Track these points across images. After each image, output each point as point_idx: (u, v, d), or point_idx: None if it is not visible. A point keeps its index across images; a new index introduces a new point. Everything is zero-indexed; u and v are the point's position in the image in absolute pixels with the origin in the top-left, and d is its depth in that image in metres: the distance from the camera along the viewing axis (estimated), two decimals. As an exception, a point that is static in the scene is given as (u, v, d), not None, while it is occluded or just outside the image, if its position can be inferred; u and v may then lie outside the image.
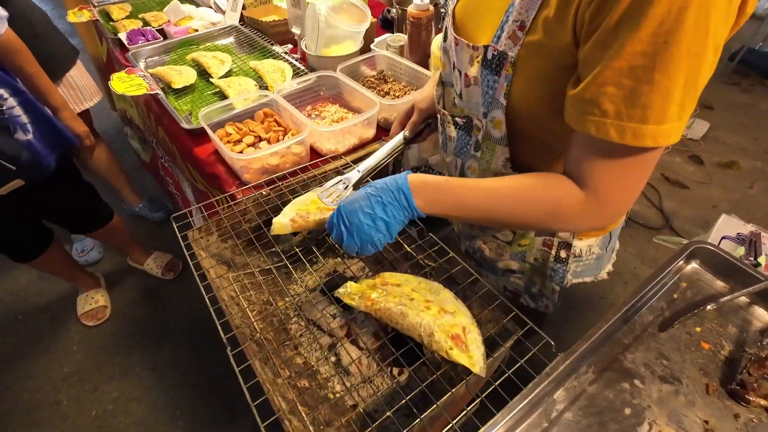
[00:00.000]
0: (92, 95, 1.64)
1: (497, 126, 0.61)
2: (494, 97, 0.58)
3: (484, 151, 0.67)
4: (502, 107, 0.57)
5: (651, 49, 0.40)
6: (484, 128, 0.63)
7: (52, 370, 1.57)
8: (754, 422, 0.58)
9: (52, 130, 1.18)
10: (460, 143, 0.71)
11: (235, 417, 1.40)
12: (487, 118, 0.61)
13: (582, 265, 0.80)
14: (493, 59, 0.55)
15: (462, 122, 0.68)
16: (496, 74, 0.55)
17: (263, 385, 0.51)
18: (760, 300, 0.71)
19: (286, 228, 0.66)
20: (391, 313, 0.53)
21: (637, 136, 0.44)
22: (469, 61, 0.59)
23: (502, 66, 0.54)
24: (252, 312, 0.66)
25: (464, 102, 0.65)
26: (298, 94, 1.16)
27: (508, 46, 0.52)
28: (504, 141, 0.62)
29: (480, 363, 0.52)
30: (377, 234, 0.56)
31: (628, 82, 0.43)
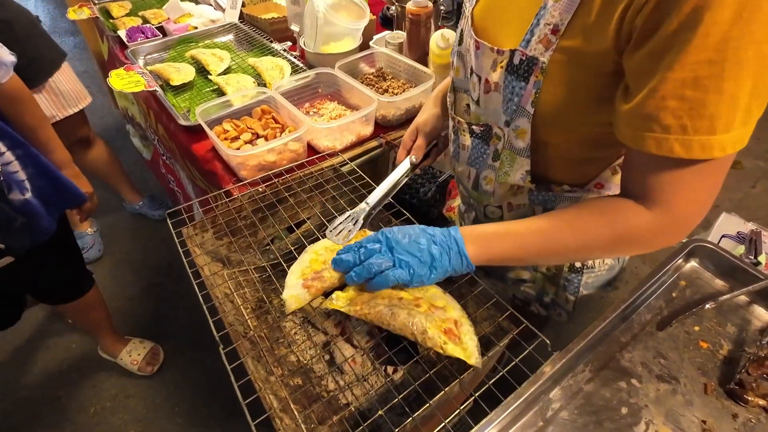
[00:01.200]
0: (78, 100, 1.55)
1: (520, 135, 0.58)
2: (519, 104, 0.54)
3: (503, 162, 0.63)
4: (529, 116, 0.54)
5: (719, 56, 0.38)
6: (506, 137, 0.60)
7: (51, 367, 1.58)
8: (753, 422, 0.57)
9: (54, 186, 1.01)
10: (476, 153, 0.68)
11: (233, 414, 1.40)
12: (510, 126, 0.58)
13: (593, 277, 0.77)
14: (520, 64, 0.51)
15: (479, 131, 0.64)
16: (524, 80, 0.52)
17: (255, 383, 0.51)
18: (759, 299, 0.70)
19: (303, 299, 0.57)
20: (381, 315, 0.52)
21: (705, 149, 0.41)
22: (492, 66, 0.55)
23: (531, 72, 0.51)
24: (246, 310, 0.66)
25: (481, 109, 0.62)
26: (297, 91, 1.16)
27: (539, 51, 0.49)
28: (526, 152, 0.59)
29: (475, 355, 0.52)
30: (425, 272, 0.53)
31: (693, 93, 0.40)
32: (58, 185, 1.01)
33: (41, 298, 1.26)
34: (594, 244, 0.52)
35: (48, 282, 1.19)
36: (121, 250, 1.99)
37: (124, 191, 2.03)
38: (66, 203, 1.06)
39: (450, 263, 0.53)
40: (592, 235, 0.52)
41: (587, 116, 0.52)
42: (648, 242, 0.51)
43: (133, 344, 1.56)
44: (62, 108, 1.52)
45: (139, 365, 1.53)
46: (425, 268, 0.53)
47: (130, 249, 1.99)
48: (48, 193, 0.98)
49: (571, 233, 0.52)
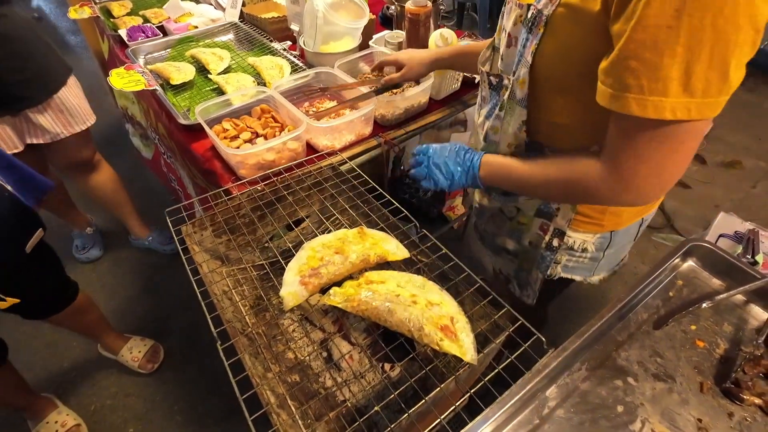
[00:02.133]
0: (84, 118, 1.45)
1: (521, 85, 0.64)
2: (523, 54, 0.61)
3: (506, 111, 0.70)
4: (527, 64, 0.60)
5: (676, 22, 0.41)
6: (511, 87, 0.67)
7: (51, 365, 1.58)
8: (748, 421, 0.58)
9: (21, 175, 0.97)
10: (491, 104, 0.75)
11: (232, 413, 1.41)
12: (514, 76, 0.65)
13: (573, 261, 0.80)
14: (531, 18, 0.58)
15: (495, 81, 0.72)
16: (530, 32, 0.58)
17: (252, 378, 0.51)
18: (756, 298, 0.71)
19: (301, 295, 0.58)
20: (378, 312, 0.53)
21: (657, 109, 0.45)
22: (515, 21, 0.63)
23: (537, 24, 0.56)
24: (244, 307, 0.66)
25: (503, 63, 0.70)
26: (296, 90, 1.16)
27: (545, 5, 0.55)
28: (524, 102, 0.65)
29: (471, 351, 0.52)
30: (445, 182, 0.72)
31: (651, 55, 0.43)
32: (24, 175, 0.98)
33: (30, 315, 1.18)
34: (554, 186, 0.62)
35: (32, 296, 1.13)
36: (121, 248, 1.99)
37: (131, 224, 1.86)
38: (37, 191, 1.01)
39: (466, 182, 0.72)
40: (553, 178, 0.62)
41: (580, 76, 0.55)
42: (597, 192, 0.57)
43: (134, 342, 1.56)
44: (68, 125, 1.42)
45: (139, 362, 1.53)
46: (447, 182, 0.73)
47: (130, 248, 1.99)
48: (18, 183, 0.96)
49: (543, 176, 0.63)
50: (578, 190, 0.59)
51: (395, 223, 0.74)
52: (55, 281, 1.19)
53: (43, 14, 4.37)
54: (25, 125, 1.33)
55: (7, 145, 1.30)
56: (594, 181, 0.56)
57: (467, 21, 3.80)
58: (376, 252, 0.63)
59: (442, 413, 0.49)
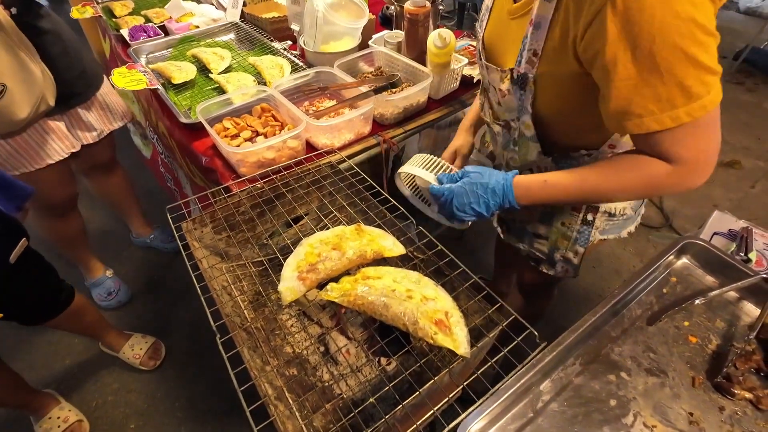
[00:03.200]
0: (123, 115, 1.48)
1: (527, 127, 0.75)
2: (523, 105, 0.71)
3: (520, 146, 0.80)
4: (529, 113, 0.72)
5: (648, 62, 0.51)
6: (518, 129, 0.77)
7: (54, 362, 1.60)
8: (739, 415, 0.58)
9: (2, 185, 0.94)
10: (504, 139, 0.84)
11: (232, 410, 1.42)
12: (520, 121, 0.75)
13: (611, 225, 0.86)
14: (518, 78, 0.68)
15: (503, 124, 0.82)
16: (522, 89, 0.69)
17: (250, 371, 0.52)
18: (749, 295, 0.71)
19: (299, 290, 0.59)
20: (374, 306, 0.54)
21: (674, 119, 0.54)
22: (500, 80, 0.72)
23: (526, 83, 0.67)
24: (243, 302, 0.67)
25: (503, 108, 0.78)
26: (296, 89, 1.17)
27: (528, 69, 0.65)
28: (534, 139, 0.76)
29: (464, 345, 0.53)
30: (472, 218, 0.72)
31: (646, 89, 0.53)
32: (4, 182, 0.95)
33: (28, 321, 1.17)
34: (626, 192, 0.65)
35: (22, 305, 1.12)
36: (123, 247, 2.00)
37: (134, 222, 1.86)
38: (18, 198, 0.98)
39: (500, 208, 0.70)
40: (623, 185, 0.64)
41: (576, 112, 0.67)
42: (673, 186, 0.62)
43: (135, 339, 1.57)
44: (109, 122, 1.43)
45: (141, 359, 1.54)
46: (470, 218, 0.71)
47: (132, 246, 2.00)
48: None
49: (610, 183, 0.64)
50: (651, 190, 0.65)
51: (392, 220, 0.75)
52: (46, 288, 1.17)
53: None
54: (76, 123, 1.33)
55: (65, 144, 1.29)
56: (668, 179, 0.61)
57: (468, 21, 3.81)
58: (372, 248, 0.64)
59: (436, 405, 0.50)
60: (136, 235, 1.94)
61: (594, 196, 0.68)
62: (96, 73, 1.36)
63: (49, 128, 1.24)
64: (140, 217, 1.87)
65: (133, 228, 1.91)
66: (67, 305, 1.23)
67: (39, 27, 1.14)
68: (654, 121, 0.55)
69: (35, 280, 1.13)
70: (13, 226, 0.94)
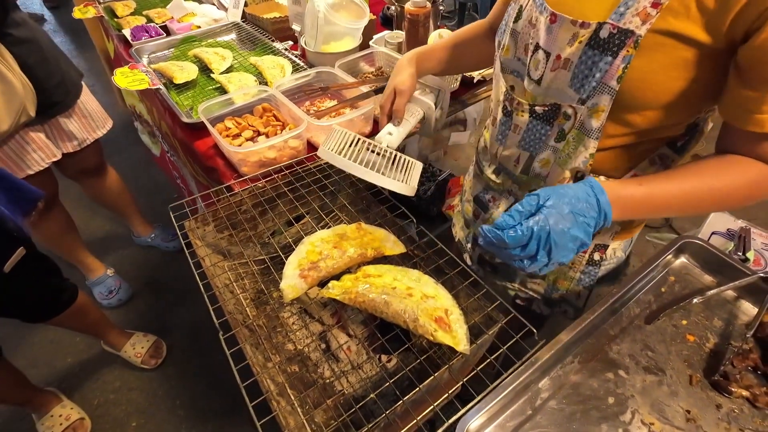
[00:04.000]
0: (104, 121, 1.46)
1: (596, 114, 0.55)
2: (602, 81, 0.52)
3: (568, 142, 0.61)
4: (612, 92, 0.52)
5: None
6: (577, 117, 0.57)
7: (55, 360, 1.61)
8: (736, 412, 0.59)
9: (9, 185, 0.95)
10: (532, 134, 0.65)
11: (233, 408, 1.43)
12: (586, 104, 0.55)
13: (603, 270, 0.79)
14: (610, 38, 0.50)
15: (542, 111, 0.61)
16: (611, 55, 0.50)
17: (252, 367, 0.53)
18: (747, 294, 0.72)
19: (300, 288, 0.60)
20: (375, 304, 0.54)
21: None
22: (570, 41, 0.53)
23: (623, 46, 0.49)
24: (245, 300, 0.68)
25: (542, 88, 0.59)
26: (297, 89, 1.18)
27: (635, 24, 0.48)
28: (597, 133, 0.57)
29: (464, 342, 0.54)
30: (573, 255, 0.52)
31: None
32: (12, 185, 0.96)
33: (30, 319, 1.18)
34: (733, 196, 0.54)
35: (30, 299, 1.14)
36: (124, 246, 2.01)
37: (134, 223, 1.87)
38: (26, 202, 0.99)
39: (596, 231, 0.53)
40: (730, 188, 0.54)
41: (669, 95, 0.51)
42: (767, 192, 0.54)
43: (137, 338, 1.58)
44: (92, 130, 1.42)
45: (142, 358, 1.55)
46: (572, 255, 0.52)
47: (133, 245, 2.01)
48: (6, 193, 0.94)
49: (709, 191, 0.54)
50: (752, 195, 0.55)
51: (393, 219, 0.76)
52: (48, 288, 1.18)
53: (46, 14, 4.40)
54: (56, 133, 1.33)
55: (45, 153, 1.29)
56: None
57: (468, 21, 3.82)
58: (373, 247, 0.64)
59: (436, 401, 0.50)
60: (137, 234, 1.95)
61: (691, 210, 0.56)
62: (75, 81, 1.34)
63: (29, 139, 1.24)
64: (139, 217, 1.88)
65: (134, 228, 1.92)
66: (70, 304, 1.24)
67: (15, 36, 1.12)
68: None
69: (37, 281, 1.13)
70: (10, 234, 0.94)
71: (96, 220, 2.13)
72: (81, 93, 1.36)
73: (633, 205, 0.53)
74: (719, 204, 0.57)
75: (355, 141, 0.65)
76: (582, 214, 0.50)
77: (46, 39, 1.26)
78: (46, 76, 1.20)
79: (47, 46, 1.24)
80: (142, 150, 2.32)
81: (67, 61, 1.33)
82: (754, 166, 0.53)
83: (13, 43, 1.11)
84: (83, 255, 1.69)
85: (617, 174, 0.65)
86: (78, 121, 1.37)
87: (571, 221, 0.49)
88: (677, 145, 0.63)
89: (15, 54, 1.11)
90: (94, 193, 1.67)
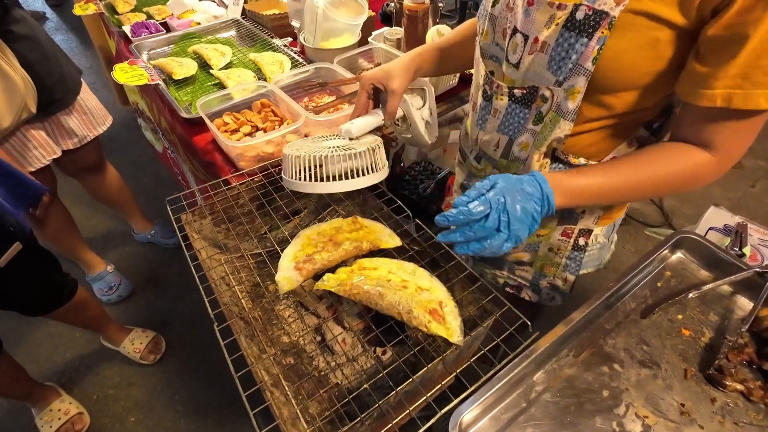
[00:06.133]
0: (104, 118, 1.47)
1: (572, 96, 0.57)
2: (577, 62, 0.53)
3: (545, 125, 0.62)
4: (587, 74, 0.53)
5: None
6: (554, 99, 0.59)
7: (55, 355, 1.61)
8: (730, 406, 0.59)
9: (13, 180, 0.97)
10: (511, 118, 0.66)
11: (231, 403, 1.43)
12: (563, 86, 0.56)
13: (587, 256, 0.80)
14: (586, 19, 0.51)
15: (521, 94, 0.62)
16: (586, 36, 0.51)
17: (247, 358, 0.53)
18: (743, 289, 0.72)
19: (295, 280, 0.60)
20: (369, 296, 0.55)
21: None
22: (547, 23, 0.54)
23: (597, 27, 0.50)
24: (241, 292, 0.68)
25: (521, 72, 0.60)
26: (295, 85, 1.18)
27: (609, 6, 0.49)
28: (572, 114, 0.58)
29: (457, 333, 0.54)
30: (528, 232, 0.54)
31: None
32: (17, 180, 0.97)
33: (30, 312, 1.19)
34: (671, 183, 0.57)
35: (30, 293, 1.14)
36: (124, 243, 2.02)
37: (134, 219, 1.88)
38: (29, 197, 1.01)
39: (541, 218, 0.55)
40: (667, 176, 0.56)
41: (647, 73, 0.52)
42: (705, 178, 0.57)
43: (136, 333, 1.59)
44: (92, 128, 1.42)
45: (141, 353, 1.55)
46: (527, 231, 0.54)
47: (133, 242, 2.01)
48: (9, 188, 0.95)
49: (647, 176, 0.56)
50: (687, 182, 0.57)
51: (389, 213, 0.76)
52: (47, 283, 1.18)
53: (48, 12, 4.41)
54: (57, 130, 1.33)
55: (46, 150, 1.30)
56: (705, 170, 0.56)
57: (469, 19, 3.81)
58: (369, 240, 0.64)
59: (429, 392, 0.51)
60: (137, 231, 1.95)
61: (632, 196, 0.59)
62: (75, 78, 1.35)
63: (30, 136, 1.24)
64: (139, 214, 1.89)
65: (134, 224, 1.93)
66: (70, 299, 1.25)
67: (15, 32, 1.13)
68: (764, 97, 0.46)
69: (37, 275, 1.14)
70: (7, 229, 0.94)
71: (96, 216, 2.14)
72: (81, 90, 1.36)
73: (575, 193, 0.57)
74: (657, 191, 0.61)
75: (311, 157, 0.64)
76: (530, 193, 0.53)
77: (45, 36, 1.27)
78: (46, 72, 1.20)
79: (46, 43, 1.25)
80: (143, 147, 2.33)
81: (66, 59, 1.34)
82: (691, 153, 0.55)
83: (13, 40, 1.11)
84: (83, 251, 1.70)
85: (597, 157, 0.66)
86: (78, 118, 1.37)
87: (522, 196, 0.53)
88: (653, 127, 0.64)
89: (15, 50, 1.11)
90: (94, 191, 1.67)
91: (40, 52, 1.20)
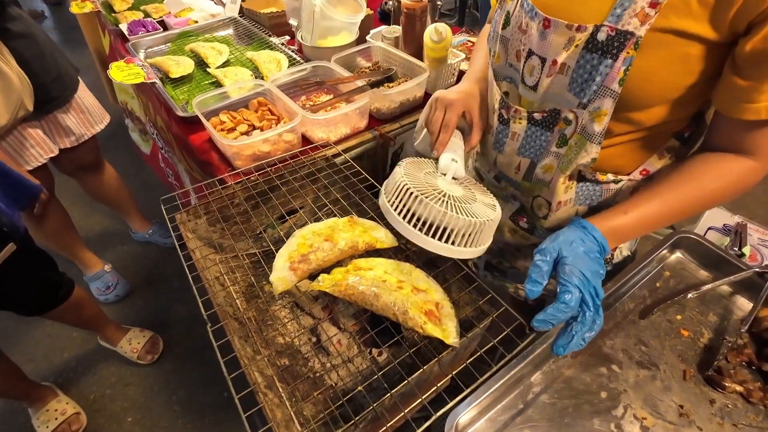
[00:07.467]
0: (102, 117, 1.46)
1: (598, 119, 0.55)
2: (602, 84, 0.51)
3: (570, 147, 0.60)
4: (614, 95, 0.52)
5: None
6: (579, 122, 0.57)
7: (52, 355, 1.61)
8: (729, 407, 0.58)
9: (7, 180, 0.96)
10: (532, 141, 0.64)
11: (231, 403, 1.42)
12: (587, 109, 0.55)
13: (610, 267, 0.79)
14: (609, 40, 0.49)
15: (541, 117, 0.61)
16: (611, 57, 0.49)
17: (240, 360, 0.53)
18: (742, 289, 0.71)
19: (290, 280, 0.59)
20: (365, 296, 0.54)
21: None
22: (566, 45, 0.52)
23: (622, 48, 0.48)
24: (236, 293, 0.67)
25: (539, 95, 0.59)
26: (293, 84, 1.17)
27: (634, 26, 0.47)
28: (599, 137, 0.56)
29: (453, 335, 0.53)
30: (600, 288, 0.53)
31: None
32: (12, 181, 0.97)
33: (27, 312, 1.18)
34: (718, 196, 0.56)
35: (26, 293, 1.14)
36: (122, 242, 2.01)
37: (132, 219, 1.87)
38: (24, 197, 1.01)
39: None
40: (710, 192, 0.55)
41: (673, 91, 0.51)
42: (751, 185, 0.56)
43: (133, 333, 1.58)
44: (90, 126, 1.41)
45: (138, 353, 1.55)
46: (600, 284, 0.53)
47: (131, 241, 2.01)
48: (4, 188, 0.94)
49: (694, 198, 0.56)
50: (735, 193, 0.57)
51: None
52: (44, 283, 1.18)
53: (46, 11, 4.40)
54: (54, 128, 1.32)
55: (43, 149, 1.29)
56: (752, 177, 0.55)
57: (469, 19, 3.80)
58: (364, 239, 0.64)
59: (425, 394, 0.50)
60: (135, 230, 1.95)
61: (682, 217, 0.58)
62: (72, 76, 1.34)
63: (27, 134, 1.23)
64: (137, 213, 1.88)
65: (131, 224, 1.92)
66: (66, 298, 1.24)
67: (12, 30, 1.12)
68: None
69: (33, 275, 1.13)
70: (1, 230, 0.93)
71: (94, 216, 2.13)
72: (78, 88, 1.35)
73: (624, 232, 0.57)
74: (706, 206, 0.59)
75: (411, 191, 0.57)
76: (591, 251, 0.53)
77: (43, 34, 1.26)
78: (42, 70, 1.20)
79: (43, 41, 1.24)
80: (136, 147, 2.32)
81: (63, 57, 1.33)
82: (735, 163, 0.54)
83: (10, 38, 1.10)
84: (81, 251, 1.69)
85: (626, 170, 0.64)
86: (75, 117, 1.37)
87: (589, 260, 0.53)
88: (685, 136, 0.62)
89: (12, 48, 1.10)
90: (92, 190, 1.67)
91: (37, 49, 1.19)
